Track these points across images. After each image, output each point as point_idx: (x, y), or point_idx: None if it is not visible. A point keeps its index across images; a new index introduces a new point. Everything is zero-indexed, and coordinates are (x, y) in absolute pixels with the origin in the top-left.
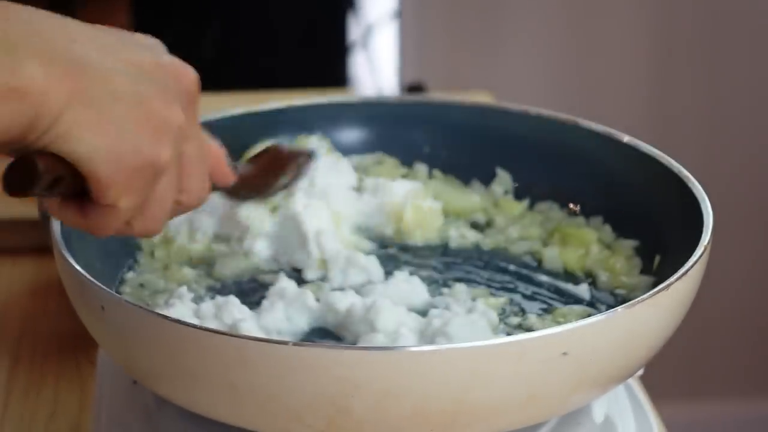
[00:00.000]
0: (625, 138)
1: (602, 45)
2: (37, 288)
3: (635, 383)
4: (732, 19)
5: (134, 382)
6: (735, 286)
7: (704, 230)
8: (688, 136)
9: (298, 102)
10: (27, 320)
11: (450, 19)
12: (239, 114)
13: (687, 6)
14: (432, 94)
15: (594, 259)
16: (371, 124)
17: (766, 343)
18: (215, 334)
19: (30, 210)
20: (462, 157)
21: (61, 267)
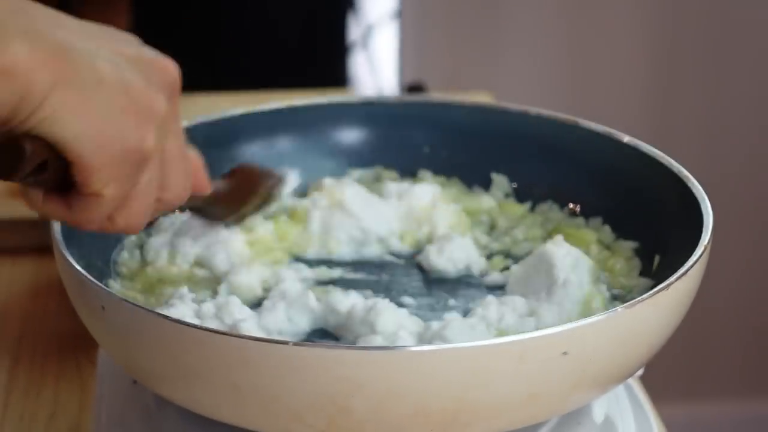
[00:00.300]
0: (625, 138)
1: (602, 45)
2: (37, 288)
3: (635, 383)
4: (732, 20)
5: (134, 382)
6: (734, 287)
7: (704, 230)
8: (688, 136)
9: (298, 102)
10: (27, 320)
11: (450, 19)
12: (239, 114)
13: (687, 6)
14: (432, 94)
15: (593, 260)
16: (371, 124)
17: (766, 343)
18: (216, 334)
19: (30, 210)
20: (462, 157)
21: (61, 267)
